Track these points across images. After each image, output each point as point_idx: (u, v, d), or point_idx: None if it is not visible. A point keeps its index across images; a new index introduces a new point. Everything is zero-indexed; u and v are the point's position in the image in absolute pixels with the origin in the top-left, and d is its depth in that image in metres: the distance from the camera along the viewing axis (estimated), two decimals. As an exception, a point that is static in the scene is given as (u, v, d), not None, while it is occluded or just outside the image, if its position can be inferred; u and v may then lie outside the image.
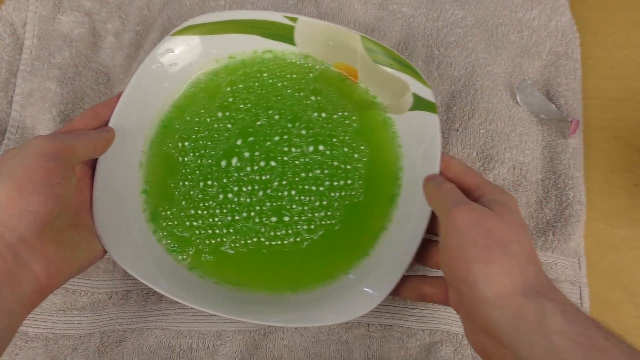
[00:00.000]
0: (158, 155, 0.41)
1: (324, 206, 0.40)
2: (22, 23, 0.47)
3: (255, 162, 0.40)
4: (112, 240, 0.36)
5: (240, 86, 0.42)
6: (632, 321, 0.40)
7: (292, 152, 0.40)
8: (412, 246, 0.36)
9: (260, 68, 0.43)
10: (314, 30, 0.41)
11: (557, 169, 0.43)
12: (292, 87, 0.42)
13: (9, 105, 0.45)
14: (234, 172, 0.40)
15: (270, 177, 0.40)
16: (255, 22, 0.41)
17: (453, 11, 0.48)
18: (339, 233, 0.39)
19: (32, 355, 0.39)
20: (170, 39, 0.41)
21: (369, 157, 0.41)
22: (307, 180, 0.40)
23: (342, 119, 0.42)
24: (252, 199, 0.39)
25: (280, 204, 0.39)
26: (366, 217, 0.39)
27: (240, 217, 0.39)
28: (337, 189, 0.40)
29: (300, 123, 0.41)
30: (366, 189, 0.40)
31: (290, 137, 0.41)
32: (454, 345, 0.38)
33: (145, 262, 0.37)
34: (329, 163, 0.40)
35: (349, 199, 0.40)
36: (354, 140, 0.41)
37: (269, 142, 0.41)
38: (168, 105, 0.42)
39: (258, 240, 0.39)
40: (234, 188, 0.40)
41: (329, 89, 0.42)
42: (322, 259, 0.39)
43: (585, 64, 0.47)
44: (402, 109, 0.41)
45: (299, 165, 0.40)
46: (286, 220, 0.39)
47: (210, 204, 0.39)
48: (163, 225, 0.39)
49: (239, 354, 0.38)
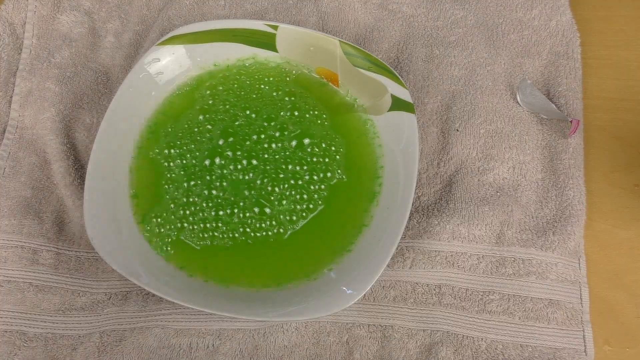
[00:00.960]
0: (145, 160, 0.42)
1: (304, 199, 0.40)
2: (21, 22, 0.47)
3: (238, 161, 0.41)
4: (102, 242, 0.37)
5: (220, 88, 0.44)
6: (632, 321, 0.40)
7: (272, 148, 0.42)
8: (392, 243, 0.36)
9: (240, 71, 0.45)
10: (295, 37, 0.44)
11: (557, 169, 0.43)
12: (271, 88, 0.44)
13: (8, 105, 0.45)
14: (217, 169, 0.41)
15: (253, 176, 0.41)
16: (238, 31, 0.44)
17: (453, 11, 0.48)
18: (321, 226, 0.40)
19: (31, 355, 0.39)
20: (157, 49, 0.43)
21: (349, 154, 0.42)
22: (287, 173, 0.41)
23: (315, 117, 0.43)
24: (235, 196, 0.41)
25: (262, 197, 0.40)
26: (347, 213, 0.40)
27: (224, 212, 0.40)
28: (317, 182, 0.41)
29: (276, 123, 0.43)
30: (347, 184, 0.41)
31: (266, 135, 0.42)
32: (454, 346, 0.38)
33: (135, 262, 0.38)
34: (307, 159, 0.42)
35: (328, 191, 0.41)
36: (329, 136, 0.42)
37: (248, 141, 0.42)
38: (155, 112, 0.44)
39: (244, 231, 0.40)
40: (216, 184, 0.41)
41: (305, 92, 0.44)
42: (304, 254, 0.39)
43: (586, 64, 0.47)
44: (382, 110, 0.42)
45: (279, 160, 0.41)
46: (268, 212, 0.40)
47: (196, 200, 0.40)
48: (154, 228, 0.40)
49: (239, 353, 0.38)
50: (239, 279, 0.39)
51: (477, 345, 0.38)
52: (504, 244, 0.40)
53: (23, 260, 0.40)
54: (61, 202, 0.43)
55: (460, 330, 0.39)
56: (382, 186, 0.41)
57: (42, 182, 0.43)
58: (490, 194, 0.42)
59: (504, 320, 0.39)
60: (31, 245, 0.40)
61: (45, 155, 0.44)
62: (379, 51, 0.47)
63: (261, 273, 0.39)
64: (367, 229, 0.40)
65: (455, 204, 0.41)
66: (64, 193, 0.42)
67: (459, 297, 0.39)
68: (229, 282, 0.39)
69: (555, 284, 0.39)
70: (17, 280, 0.40)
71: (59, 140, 0.43)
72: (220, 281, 0.39)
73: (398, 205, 0.38)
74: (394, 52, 0.47)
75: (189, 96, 0.44)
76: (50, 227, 0.41)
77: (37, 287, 0.40)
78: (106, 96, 0.46)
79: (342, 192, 0.41)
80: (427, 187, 0.43)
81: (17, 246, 0.40)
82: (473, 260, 0.40)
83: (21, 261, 0.40)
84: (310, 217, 0.40)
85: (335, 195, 0.41)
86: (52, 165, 0.43)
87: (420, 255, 0.40)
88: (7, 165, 0.43)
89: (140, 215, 0.40)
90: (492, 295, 0.39)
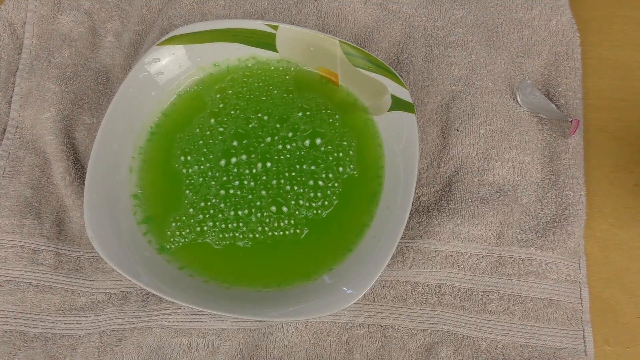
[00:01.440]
0: (148, 161, 0.42)
1: (319, 197, 0.41)
2: (21, 22, 0.47)
3: (253, 165, 0.41)
4: (102, 242, 0.37)
5: (229, 92, 0.44)
6: (632, 321, 0.40)
7: (286, 149, 0.42)
8: (392, 243, 0.36)
9: (245, 73, 0.45)
10: (295, 37, 0.43)
11: (557, 169, 0.43)
12: (280, 90, 0.44)
13: (8, 105, 0.45)
14: (234, 168, 0.41)
15: (267, 177, 0.41)
16: (238, 31, 0.44)
17: (453, 11, 0.48)
18: (325, 228, 0.40)
19: (31, 355, 0.39)
20: (157, 49, 0.43)
21: (356, 151, 0.42)
22: (301, 173, 0.41)
23: (327, 117, 0.43)
24: (253, 194, 0.41)
25: (280, 196, 0.41)
26: (349, 213, 0.40)
27: (242, 213, 0.40)
28: (332, 179, 0.41)
29: (288, 124, 0.43)
30: (357, 180, 0.41)
31: (280, 137, 0.42)
32: (455, 346, 0.38)
33: (135, 262, 0.37)
34: (323, 157, 0.42)
35: (342, 187, 0.41)
36: (341, 134, 0.43)
37: (262, 143, 0.42)
38: (157, 113, 0.44)
39: (263, 229, 0.40)
40: (235, 183, 0.41)
41: (311, 92, 0.44)
42: (305, 254, 0.39)
43: (586, 64, 0.47)
44: (382, 110, 0.42)
45: (291, 160, 0.42)
46: (285, 211, 0.40)
47: (215, 202, 0.40)
48: (174, 231, 0.40)
49: (239, 352, 0.38)
50: (240, 279, 0.39)
51: (477, 345, 0.38)
52: (504, 244, 0.40)
53: (23, 260, 0.40)
54: (61, 202, 0.43)
55: (460, 330, 0.39)
56: (382, 186, 0.41)
57: (42, 182, 0.43)
58: (490, 194, 0.42)
59: (504, 320, 0.39)
60: (31, 245, 0.40)
61: (45, 155, 0.44)
62: (379, 51, 0.47)
63: (263, 271, 0.39)
64: (367, 229, 0.40)
65: (455, 204, 0.41)
66: (64, 193, 0.42)
67: (459, 297, 0.39)
68: (230, 283, 0.39)
69: (555, 284, 0.39)
70: (17, 280, 0.40)
71: (59, 140, 0.43)
72: (221, 282, 0.39)
73: (398, 205, 0.38)
74: (394, 52, 0.47)
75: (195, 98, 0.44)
76: (50, 227, 0.41)
77: (37, 287, 0.40)
78: (106, 96, 0.46)
79: (352, 187, 0.41)
80: (427, 187, 0.43)
81: (17, 246, 0.40)
82: (473, 260, 0.40)
83: (21, 261, 0.40)
84: (325, 214, 0.40)
85: (347, 190, 0.41)
86: (52, 165, 0.43)
87: (420, 255, 0.40)
88: (7, 165, 0.43)
89: (140, 215, 0.40)
90: (492, 295, 0.39)
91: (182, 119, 0.44)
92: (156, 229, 0.40)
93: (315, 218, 0.40)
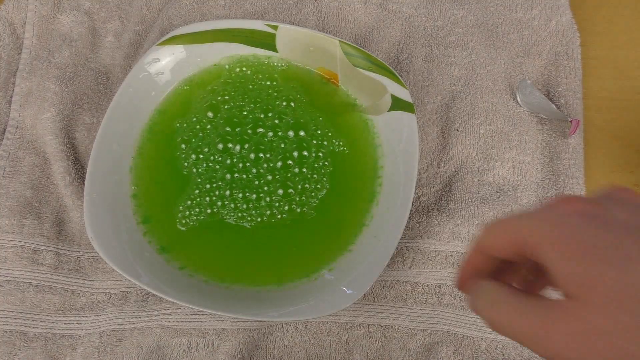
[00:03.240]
0: (148, 160, 0.42)
1: (314, 179, 0.41)
2: (21, 22, 0.47)
3: (246, 157, 0.42)
4: (102, 242, 0.37)
5: (227, 88, 0.44)
6: (632, 321, 0.40)
7: (277, 135, 0.42)
8: (392, 243, 0.36)
9: (243, 70, 0.45)
10: (295, 37, 0.43)
11: (557, 169, 0.43)
12: (278, 87, 0.44)
13: (8, 105, 0.45)
14: (235, 153, 0.42)
15: (258, 171, 0.41)
16: (238, 31, 0.44)
17: (453, 11, 0.48)
18: (318, 227, 0.40)
19: (31, 355, 0.39)
20: (157, 49, 0.43)
21: (349, 151, 0.42)
22: (292, 160, 0.42)
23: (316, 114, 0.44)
24: (259, 180, 0.41)
25: (288, 179, 0.41)
26: (352, 212, 0.40)
27: (250, 195, 0.40)
28: (322, 158, 0.42)
29: (274, 114, 0.43)
30: (349, 156, 0.42)
31: (270, 127, 0.43)
32: (454, 346, 0.38)
33: (135, 262, 0.37)
34: (312, 141, 0.42)
35: (332, 166, 0.41)
36: (329, 129, 0.43)
37: (256, 134, 0.42)
38: (157, 112, 0.44)
39: (272, 213, 0.40)
40: (239, 166, 0.41)
41: (308, 90, 0.44)
42: (305, 253, 0.39)
43: (586, 64, 0.47)
44: (381, 110, 0.42)
45: (284, 148, 0.42)
46: (291, 193, 0.41)
47: (220, 185, 0.41)
48: (184, 212, 0.40)
49: (239, 352, 0.38)
50: (240, 277, 0.39)
51: (477, 345, 0.38)
52: (504, 244, 0.40)
53: (23, 260, 0.40)
54: (61, 202, 0.43)
55: (460, 330, 0.39)
56: (382, 186, 0.41)
57: (42, 182, 0.43)
58: (490, 194, 0.42)
59: (504, 320, 0.39)
60: (31, 245, 0.40)
61: (45, 155, 0.44)
62: (379, 51, 0.47)
63: (263, 270, 0.39)
64: (367, 229, 0.40)
65: (455, 204, 0.41)
66: (64, 193, 0.42)
67: (459, 297, 0.39)
68: (230, 280, 0.39)
69: (555, 284, 0.39)
70: (17, 280, 0.40)
71: (59, 140, 0.43)
72: (220, 281, 0.39)
73: (398, 205, 0.38)
74: (394, 52, 0.47)
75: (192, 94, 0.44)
76: (50, 227, 0.41)
77: (37, 287, 0.40)
78: (106, 96, 0.46)
79: (344, 166, 0.41)
80: (427, 187, 0.43)
81: (17, 246, 0.40)
82: (473, 260, 0.40)
83: (21, 261, 0.40)
84: (321, 196, 0.41)
85: (338, 171, 0.41)
86: (52, 165, 0.43)
87: (420, 255, 0.40)
88: (7, 165, 0.43)
89: (140, 215, 0.40)
90: (492, 295, 0.39)
91: (182, 118, 0.43)
92: (156, 228, 0.40)
93: (307, 217, 0.40)
